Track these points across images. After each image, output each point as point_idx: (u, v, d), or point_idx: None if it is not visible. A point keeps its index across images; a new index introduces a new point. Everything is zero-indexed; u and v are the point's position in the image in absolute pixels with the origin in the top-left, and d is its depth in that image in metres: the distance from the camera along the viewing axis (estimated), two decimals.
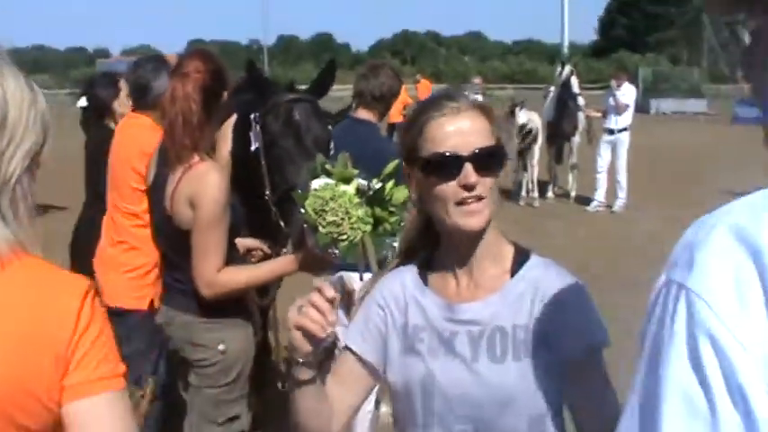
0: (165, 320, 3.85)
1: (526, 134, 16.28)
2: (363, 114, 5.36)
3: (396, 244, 3.43)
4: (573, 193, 17.14)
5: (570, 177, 17.28)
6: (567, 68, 16.82)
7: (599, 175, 16.04)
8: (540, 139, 16.81)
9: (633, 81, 19.84)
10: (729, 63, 68.45)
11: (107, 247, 5.14)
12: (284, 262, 3.71)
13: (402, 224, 3.34)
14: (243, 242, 4.07)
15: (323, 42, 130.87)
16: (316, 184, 3.16)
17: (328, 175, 3.18)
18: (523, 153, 16.60)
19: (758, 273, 0.89)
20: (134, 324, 4.65)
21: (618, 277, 10.86)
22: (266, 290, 4.62)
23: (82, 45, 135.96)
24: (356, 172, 3.20)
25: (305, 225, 3.24)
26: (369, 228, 3.09)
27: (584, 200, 16.52)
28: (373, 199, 3.12)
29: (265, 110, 4.38)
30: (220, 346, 3.69)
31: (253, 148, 4.37)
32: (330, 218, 3.05)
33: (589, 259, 11.82)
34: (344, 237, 3.06)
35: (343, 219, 3.04)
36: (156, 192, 3.75)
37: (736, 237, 0.93)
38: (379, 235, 3.15)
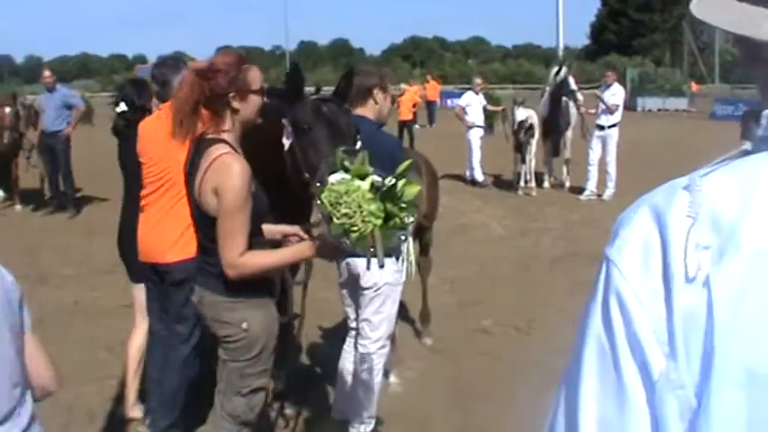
0: (197, 299, 3.88)
1: (527, 129, 16.25)
2: (361, 111, 5.18)
3: (404, 236, 3.48)
4: (567, 184, 17.13)
5: (564, 169, 17.24)
6: (565, 69, 16.74)
7: (591, 167, 16.01)
8: (537, 134, 16.74)
9: (622, 81, 19.73)
10: (706, 65, 68.25)
11: None
12: (301, 248, 3.71)
13: (412, 219, 3.37)
14: (280, 229, 4.07)
15: (340, 47, 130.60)
16: (333, 178, 3.22)
17: (346, 170, 3.24)
18: (521, 147, 16.55)
19: (661, 243, 0.97)
20: None
21: None
22: (294, 271, 4.68)
23: (123, 52, 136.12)
24: (372, 169, 3.25)
25: (321, 215, 3.29)
26: (380, 222, 3.15)
27: (577, 189, 16.49)
28: (386, 195, 3.18)
29: (295, 109, 4.44)
30: (243, 324, 3.70)
31: (286, 147, 4.42)
32: (343, 210, 3.12)
33: (580, 240, 11.90)
34: (356, 228, 3.12)
35: (355, 212, 3.10)
36: (189, 182, 3.76)
37: (651, 212, 1.01)
38: (389, 228, 3.23)
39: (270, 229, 3.97)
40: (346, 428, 5.31)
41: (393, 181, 3.20)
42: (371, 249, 3.21)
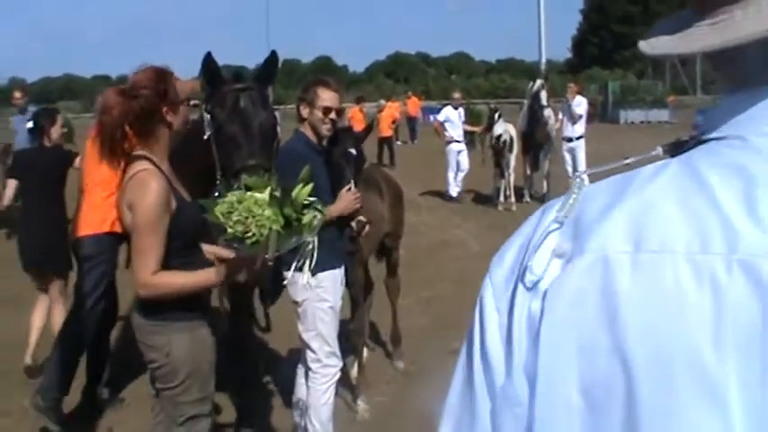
0: (132, 318, 3.79)
1: (503, 144, 16.12)
2: (301, 125, 5.13)
3: (310, 239, 3.49)
4: (547, 198, 16.86)
5: (544, 183, 17.07)
6: (539, 82, 16.67)
7: (570, 179, 15.84)
8: (516, 149, 16.60)
9: (584, 93, 19.86)
10: (688, 77, 68.60)
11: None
12: (216, 270, 3.56)
13: (316, 222, 3.46)
14: (213, 250, 3.87)
15: (323, 65, 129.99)
16: (231, 195, 3.25)
17: (248, 189, 3.29)
18: (500, 162, 16.40)
19: (526, 250, 0.90)
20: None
21: None
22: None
23: (106, 73, 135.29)
24: (271, 182, 3.35)
25: (212, 228, 3.30)
26: (277, 226, 3.18)
27: None
28: (281, 200, 3.24)
29: (214, 100, 4.33)
30: (165, 349, 3.57)
31: (206, 136, 4.29)
32: (235, 218, 3.14)
33: None
34: (250, 234, 3.14)
35: (247, 217, 3.13)
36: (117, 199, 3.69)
37: (540, 215, 0.93)
38: (290, 233, 3.29)
39: (207, 250, 3.78)
40: None
41: (281, 187, 3.30)
42: (263, 252, 3.24)
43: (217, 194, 3.30)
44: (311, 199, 3.41)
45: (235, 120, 4.25)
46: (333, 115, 5.03)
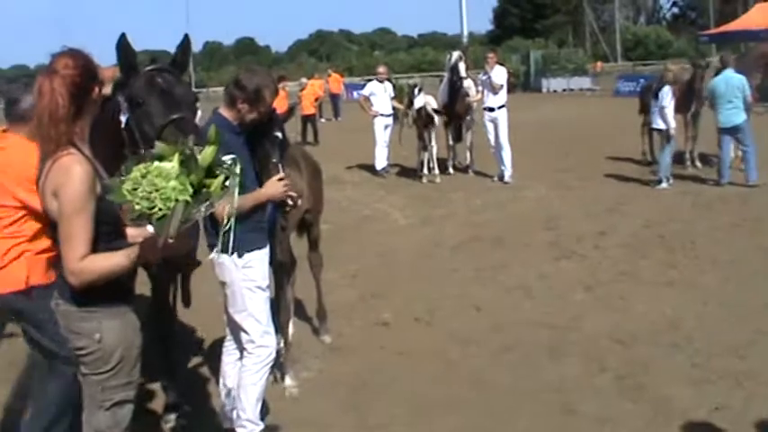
0: (54, 305, 3.68)
1: (424, 116, 16.18)
2: (224, 110, 4.99)
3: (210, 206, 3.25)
4: (472, 168, 17.16)
5: (468, 154, 17.23)
6: (456, 54, 16.73)
7: (493, 150, 16.08)
8: (437, 121, 16.66)
9: (505, 63, 19.95)
10: (609, 44, 69.48)
11: None
12: (124, 253, 3.47)
13: (229, 183, 3.18)
14: (137, 232, 3.84)
15: (245, 46, 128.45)
16: (136, 171, 3.07)
17: (160, 159, 3.10)
18: (423, 134, 16.47)
19: None
20: None
21: (508, 238, 10.87)
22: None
23: (24, 63, 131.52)
24: (184, 146, 3.13)
25: (119, 207, 3.18)
26: (185, 195, 3.00)
27: (481, 173, 16.54)
28: (187, 167, 3.05)
29: (130, 83, 4.31)
30: (96, 335, 3.50)
31: (123, 124, 4.26)
32: (140, 194, 2.98)
33: (483, 225, 11.84)
34: (156, 209, 2.98)
35: (151, 192, 2.97)
36: (39, 186, 3.57)
37: None
38: (199, 201, 3.07)
39: (130, 234, 3.75)
40: None
41: (188, 151, 3.09)
42: (168, 227, 3.02)
43: (124, 168, 3.17)
44: (226, 158, 3.24)
45: (155, 90, 4.26)
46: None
